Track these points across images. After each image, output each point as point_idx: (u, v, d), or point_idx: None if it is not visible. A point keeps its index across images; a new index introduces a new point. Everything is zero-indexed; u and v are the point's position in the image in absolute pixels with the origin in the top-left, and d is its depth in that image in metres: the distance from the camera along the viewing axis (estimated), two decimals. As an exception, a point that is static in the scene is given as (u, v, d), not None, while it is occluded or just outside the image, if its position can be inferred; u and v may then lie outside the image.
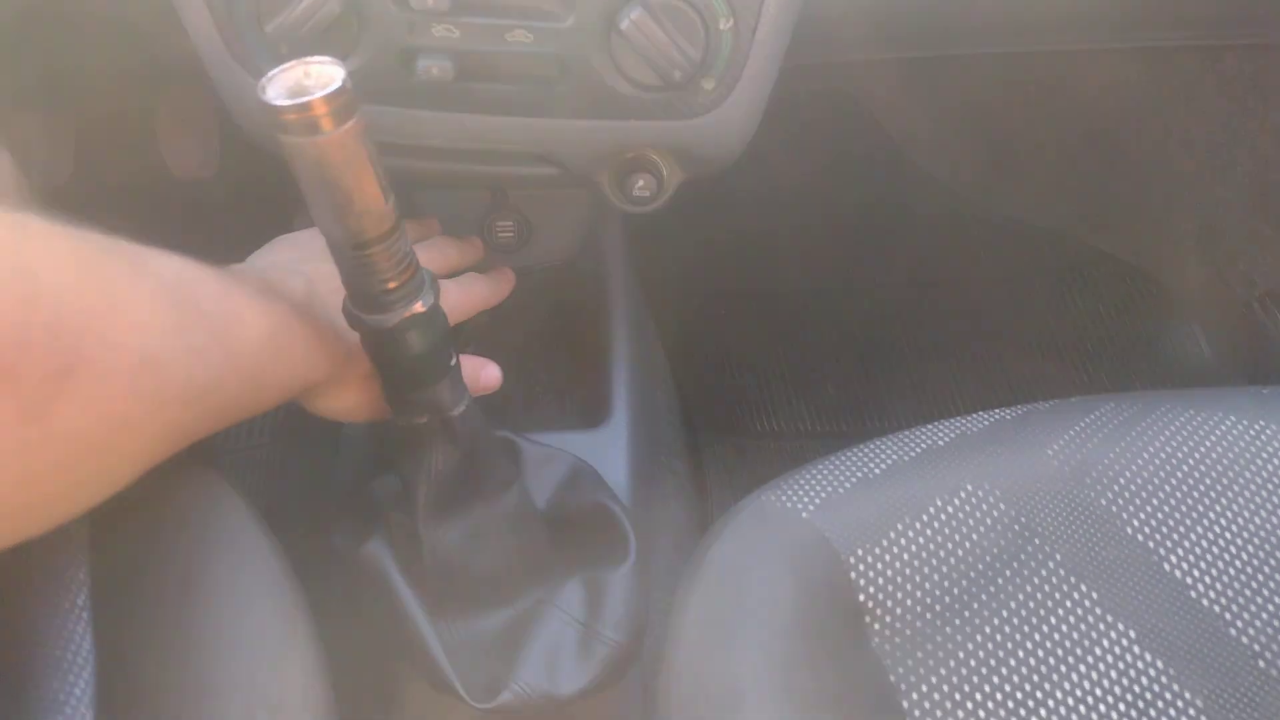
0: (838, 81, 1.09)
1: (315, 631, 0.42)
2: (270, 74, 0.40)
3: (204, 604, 0.39)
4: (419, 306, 0.49)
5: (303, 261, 0.55)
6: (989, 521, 0.47)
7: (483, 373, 0.64)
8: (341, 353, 0.51)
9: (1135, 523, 0.48)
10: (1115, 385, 1.08)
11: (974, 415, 0.53)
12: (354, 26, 0.54)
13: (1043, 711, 0.43)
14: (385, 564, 0.57)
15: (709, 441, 0.99)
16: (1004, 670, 0.44)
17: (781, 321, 1.11)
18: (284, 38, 0.54)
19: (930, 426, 0.52)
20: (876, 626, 0.45)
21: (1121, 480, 0.49)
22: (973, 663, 0.44)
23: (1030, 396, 0.99)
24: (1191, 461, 0.49)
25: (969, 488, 0.48)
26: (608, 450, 0.70)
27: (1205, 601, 0.46)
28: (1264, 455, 0.49)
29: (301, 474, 0.72)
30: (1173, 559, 0.47)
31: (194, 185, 1.07)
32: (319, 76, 0.40)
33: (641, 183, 0.65)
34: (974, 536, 0.47)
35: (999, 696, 0.44)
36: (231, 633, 0.38)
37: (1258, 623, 0.46)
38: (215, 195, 1.07)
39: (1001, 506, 0.48)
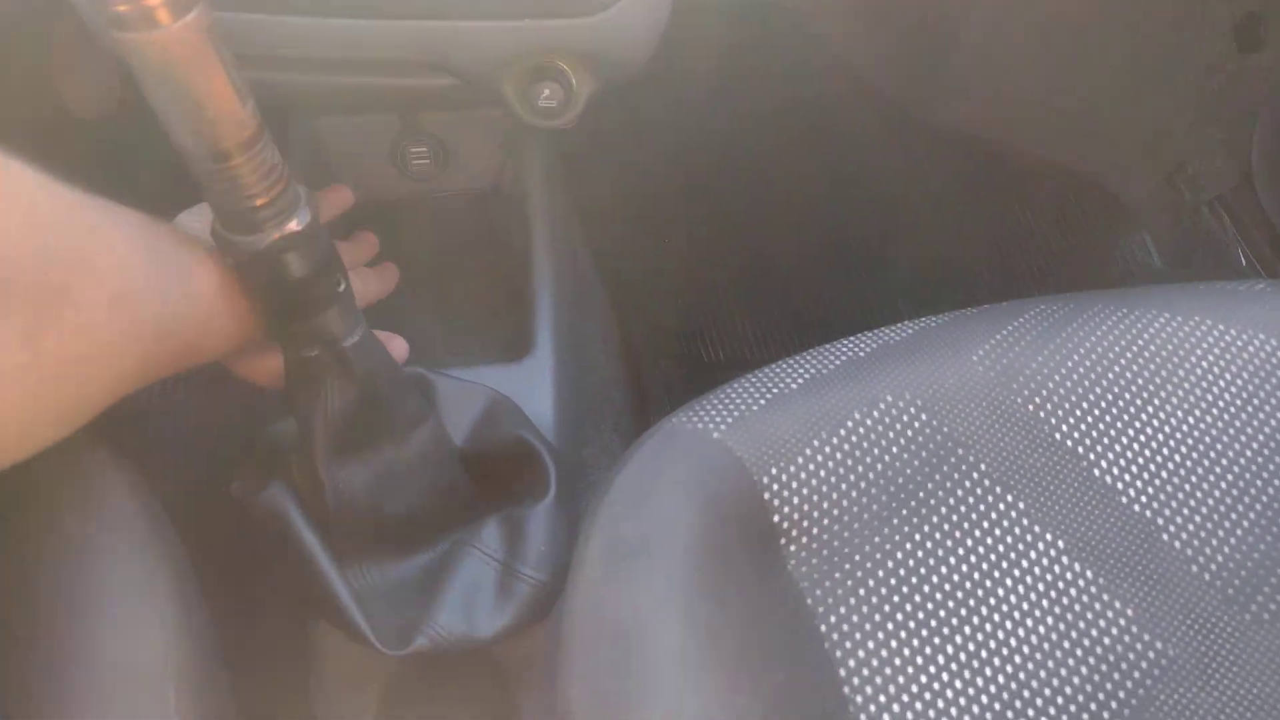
0: (788, 10, 1.04)
1: (183, 588, 0.38)
2: None
3: (48, 561, 0.35)
4: (294, 225, 0.44)
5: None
6: (909, 433, 0.44)
7: (389, 346, 0.61)
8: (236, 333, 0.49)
9: (1064, 428, 0.45)
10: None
11: (899, 325, 0.50)
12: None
13: (968, 629, 0.41)
14: (286, 510, 0.54)
15: (653, 371, 0.95)
16: (927, 587, 0.42)
17: (727, 245, 1.07)
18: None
19: (852, 338, 0.49)
20: (792, 549, 0.43)
21: (1050, 384, 0.46)
22: (894, 580, 0.42)
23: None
24: (1123, 362, 0.47)
25: (889, 399, 0.45)
26: (532, 383, 0.67)
27: (1136, 507, 0.44)
28: (1198, 352, 0.47)
29: (197, 422, 0.68)
30: (1103, 464, 0.45)
31: (97, 124, 1.01)
32: None
33: (547, 92, 0.60)
34: (894, 450, 0.44)
35: (922, 615, 0.41)
36: (81, 597, 0.35)
37: (1190, 526, 0.44)
38: (121, 133, 1.00)
39: (923, 417, 0.45)
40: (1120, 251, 1.10)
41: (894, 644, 0.40)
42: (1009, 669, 0.40)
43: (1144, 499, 0.44)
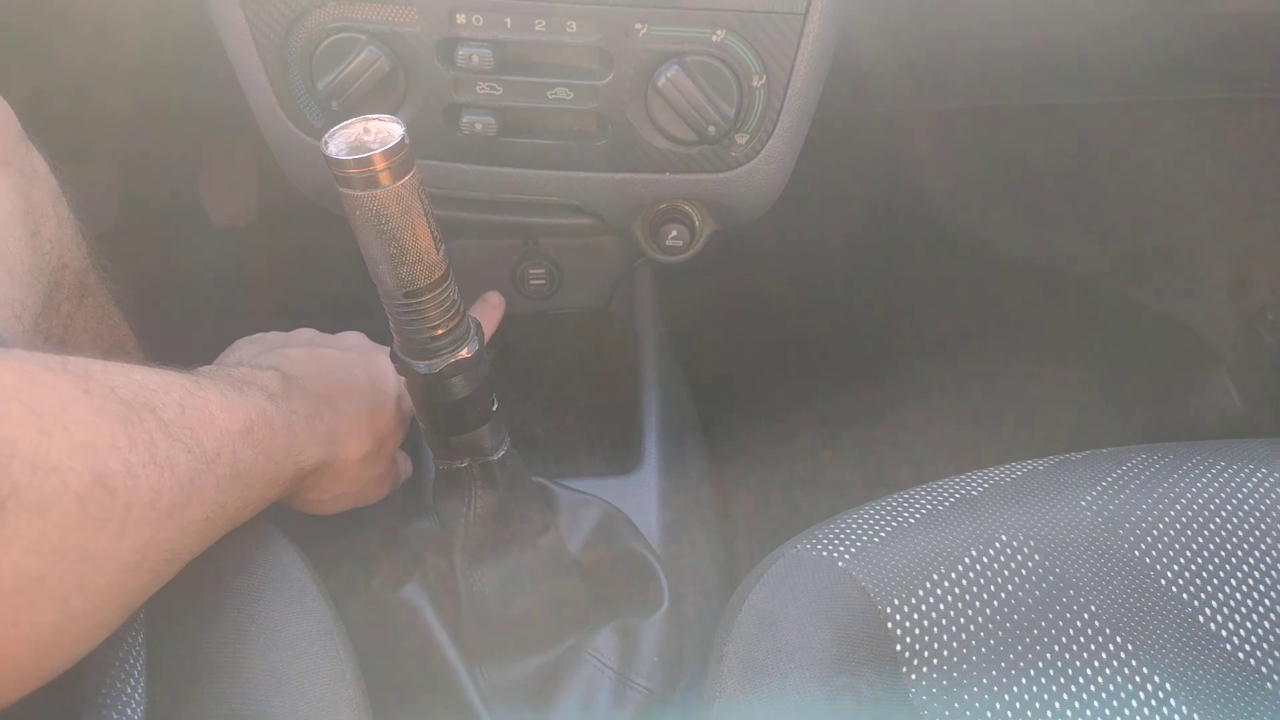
0: (867, 133, 1.10)
1: (361, 677, 0.43)
2: (333, 130, 0.42)
3: (257, 645, 0.40)
4: (465, 352, 0.50)
5: (267, 353, 0.55)
6: (1023, 573, 0.48)
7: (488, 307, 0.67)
8: (325, 434, 0.50)
9: (1169, 574, 0.48)
10: (1147, 433, 1.07)
11: (1007, 466, 0.53)
12: (402, 84, 0.56)
13: (1080, 764, 0.43)
14: (422, 607, 0.58)
15: (735, 489, 0.99)
16: (1040, 722, 0.44)
17: (809, 372, 1.12)
18: (335, 94, 0.56)
19: (964, 476, 0.53)
20: (913, 677, 0.46)
21: (1155, 532, 0.49)
22: (1009, 714, 0.44)
23: (1067, 446, 0.99)
24: (1224, 514, 0.50)
25: (1003, 538, 0.48)
26: (639, 496, 0.71)
27: (1241, 655, 0.46)
28: (1296, 508, 0.49)
29: (341, 516, 0.73)
30: (1207, 611, 0.47)
31: (231, 232, 1.10)
32: (378, 133, 0.42)
33: (674, 233, 0.66)
34: (1009, 588, 0.47)
35: (1035, 748, 0.44)
36: (284, 674, 0.39)
37: (1295, 677, 0.46)
38: (251, 242, 1.09)
39: (1036, 558, 0.48)
40: (1201, 390, 1.11)
41: (1010, 775, 0.43)
42: (1121, 807, 0.42)
43: (1248, 647, 0.47)
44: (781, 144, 0.59)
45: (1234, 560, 0.48)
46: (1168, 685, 0.45)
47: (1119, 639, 0.46)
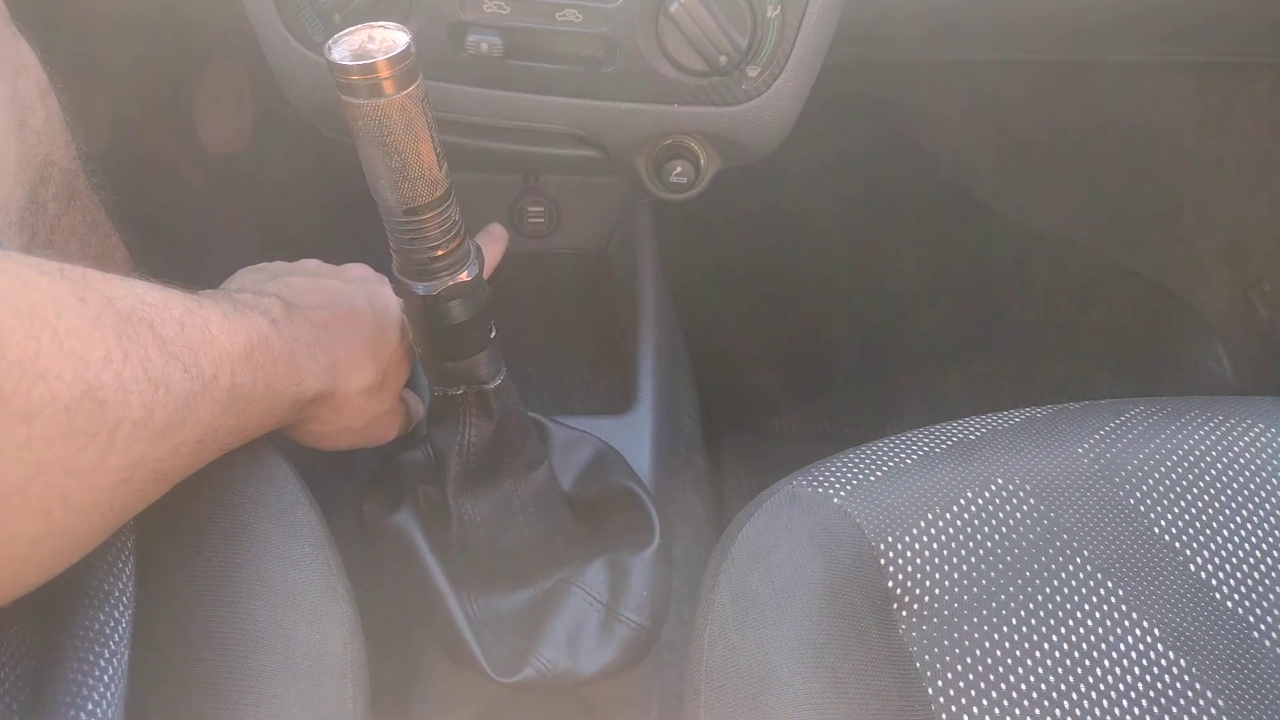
0: (875, 85, 1.09)
1: (352, 592, 0.42)
2: (336, 35, 0.40)
3: (248, 555, 0.40)
4: (464, 275, 0.49)
5: (271, 280, 0.53)
6: (1018, 515, 0.48)
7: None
8: (327, 365, 0.49)
9: (1163, 523, 0.48)
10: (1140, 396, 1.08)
11: (1006, 412, 0.53)
12: (407, -2, 0.55)
13: (1065, 704, 0.44)
14: (413, 535, 0.58)
15: (726, 437, 0.99)
16: (1028, 663, 0.44)
17: (801, 322, 1.11)
18: (337, 7, 0.55)
19: (963, 421, 0.53)
20: (904, 614, 0.46)
21: (1151, 480, 0.49)
22: (998, 653, 0.45)
23: (1054, 403, 0.99)
24: (1220, 465, 0.50)
25: (999, 481, 0.48)
26: (632, 436, 0.71)
27: (1230, 604, 0.46)
28: (1293, 463, 0.50)
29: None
30: (1199, 560, 0.47)
31: (228, 158, 1.08)
32: (383, 40, 0.41)
33: (679, 169, 0.65)
34: (1003, 530, 0.47)
35: (1022, 688, 0.44)
36: (276, 584, 0.39)
37: (1282, 627, 0.46)
38: (247, 168, 1.07)
39: (1031, 501, 0.48)
40: (1192, 359, 1.12)
41: (996, 711, 0.43)
42: (1103, 746, 0.43)
43: (1237, 596, 0.47)
44: (793, 80, 0.58)
45: (1227, 512, 0.49)
46: (1156, 630, 0.46)
47: (1110, 584, 0.46)
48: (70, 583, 0.35)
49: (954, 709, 0.43)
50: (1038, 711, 0.43)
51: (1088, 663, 0.45)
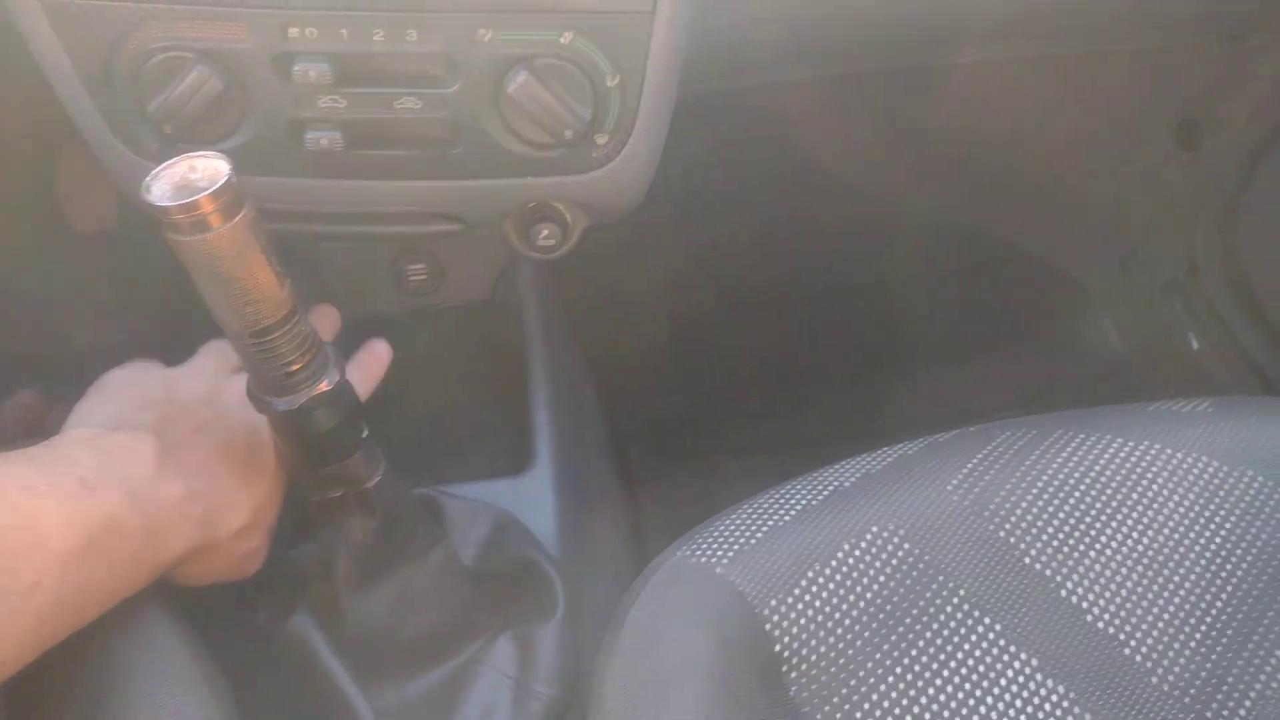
0: (757, 105, 1.10)
1: None
2: (154, 172, 0.39)
3: (136, 699, 0.39)
4: (324, 385, 0.48)
5: (144, 407, 0.49)
6: (894, 563, 0.49)
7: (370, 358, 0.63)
8: (200, 516, 0.46)
9: (1033, 552, 0.50)
10: (1037, 381, 1.11)
11: (879, 452, 0.54)
12: (239, 102, 0.54)
13: (954, 746, 0.45)
14: (311, 638, 0.57)
15: (642, 469, 0.99)
16: (915, 709, 0.46)
17: (702, 341, 1.12)
18: (167, 117, 0.53)
19: (837, 466, 0.54)
20: (794, 675, 0.46)
21: (1019, 511, 0.51)
22: (886, 704, 0.46)
23: (954, 399, 1.01)
24: (1083, 488, 0.51)
25: (874, 530, 0.50)
26: (534, 497, 0.71)
27: (1101, 624, 0.48)
28: (1148, 477, 0.52)
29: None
30: (1069, 584, 0.49)
31: (96, 240, 1.04)
32: (204, 170, 0.40)
33: (546, 232, 0.65)
34: (880, 579, 0.48)
35: (912, 735, 0.45)
36: None
37: (1149, 641, 0.48)
38: (120, 248, 1.04)
39: (906, 546, 0.49)
40: (1082, 333, 1.15)
41: (888, 764, 0.44)
42: (993, 783, 0.44)
43: (1107, 616, 0.49)
44: (642, 141, 0.58)
45: (1093, 533, 0.50)
46: (1034, 661, 0.47)
47: (988, 620, 0.48)
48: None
49: (848, 766, 0.44)
50: (928, 758, 0.45)
51: (972, 701, 0.46)
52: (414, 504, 0.59)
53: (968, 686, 0.46)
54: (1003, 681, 0.47)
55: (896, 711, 0.46)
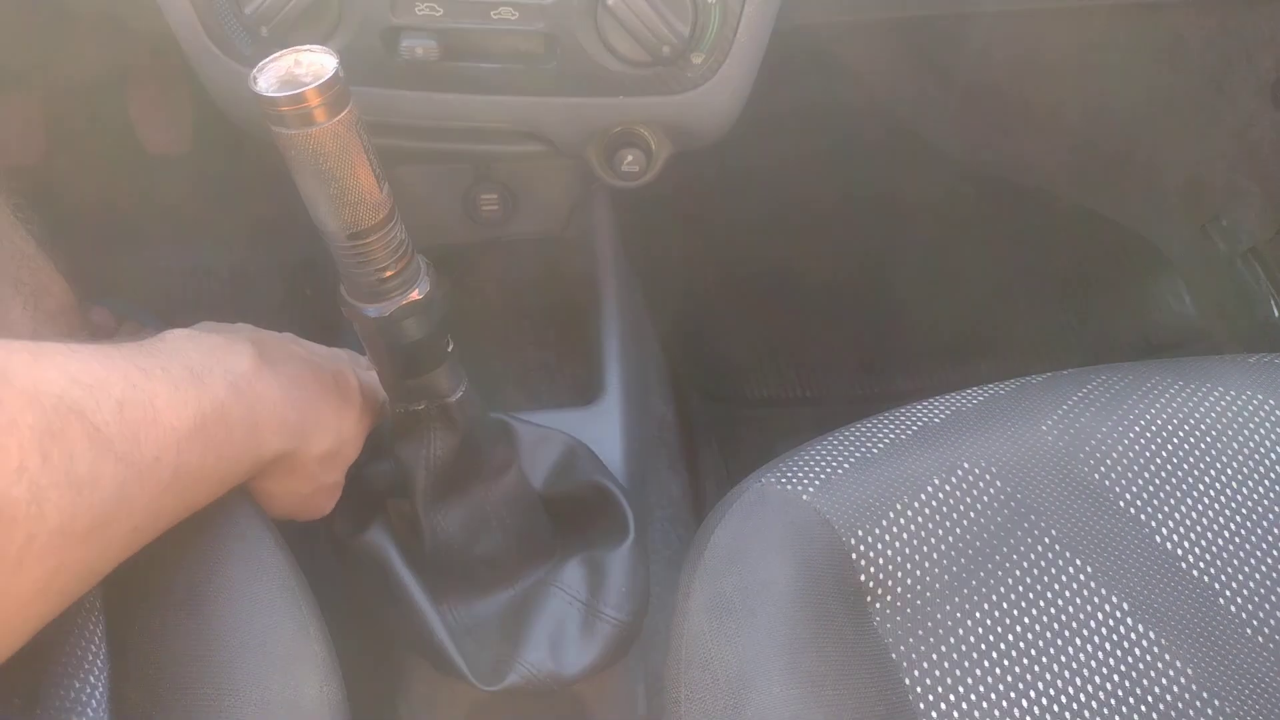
0: (827, 45, 1.07)
1: (325, 630, 0.42)
2: (261, 64, 0.39)
3: (215, 606, 0.39)
4: (415, 294, 0.48)
5: (237, 331, 0.50)
6: (985, 500, 0.48)
7: None
8: (295, 423, 0.47)
9: (1128, 496, 0.49)
10: (1105, 342, 1.09)
11: (968, 391, 0.53)
12: (335, 6, 0.53)
13: (1040, 685, 0.44)
14: (386, 551, 0.57)
15: (699, 411, 0.99)
16: (1001, 646, 0.45)
17: (766, 288, 1.11)
18: (264, 19, 0.52)
19: (926, 403, 0.53)
20: (877, 605, 0.46)
21: (1114, 454, 0.50)
22: (971, 639, 0.45)
23: (1020, 355, 0.99)
24: (1182, 434, 0.50)
25: (965, 465, 0.49)
26: (602, 427, 0.71)
27: (1195, 572, 0.47)
28: (1250, 426, 0.50)
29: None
30: (1164, 531, 0.48)
31: (169, 160, 1.05)
32: (310, 65, 0.39)
33: (630, 158, 0.64)
34: (971, 515, 0.47)
35: (997, 672, 0.44)
36: (244, 634, 0.38)
37: (1245, 591, 0.47)
38: (193, 169, 1.05)
39: (997, 484, 0.48)
40: (1155, 297, 1.13)
41: (973, 698, 0.44)
42: (1078, 723, 0.43)
43: (1202, 564, 0.48)
44: (738, 63, 0.57)
45: (1190, 480, 0.49)
46: (1125, 605, 0.46)
47: (1079, 561, 0.47)
48: (41, 652, 0.35)
49: (931, 697, 0.44)
50: (1013, 694, 0.44)
51: (1060, 642, 0.45)
52: (491, 425, 0.59)
53: (1055, 627, 0.46)
54: (1092, 624, 0.46)
55: (983, 647, 0.45)
